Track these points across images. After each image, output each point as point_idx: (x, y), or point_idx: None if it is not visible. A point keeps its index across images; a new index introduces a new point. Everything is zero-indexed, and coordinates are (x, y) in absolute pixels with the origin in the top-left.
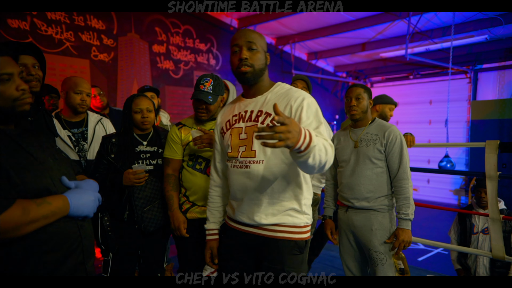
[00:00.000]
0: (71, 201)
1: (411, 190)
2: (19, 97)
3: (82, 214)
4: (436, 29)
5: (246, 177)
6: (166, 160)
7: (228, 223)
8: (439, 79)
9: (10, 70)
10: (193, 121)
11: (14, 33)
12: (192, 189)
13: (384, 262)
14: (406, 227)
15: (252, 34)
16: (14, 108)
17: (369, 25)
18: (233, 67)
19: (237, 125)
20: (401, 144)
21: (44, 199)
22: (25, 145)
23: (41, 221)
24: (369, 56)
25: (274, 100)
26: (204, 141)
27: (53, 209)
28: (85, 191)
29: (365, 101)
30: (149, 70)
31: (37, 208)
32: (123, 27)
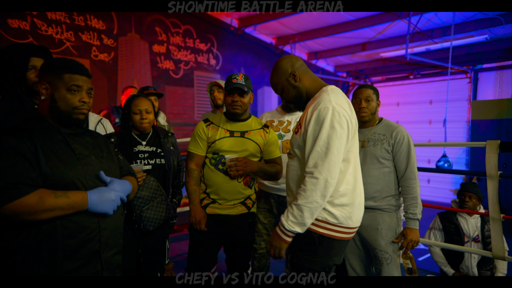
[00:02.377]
0: (91, 198)
1: (419, 190)
2: (78, 107)
3: (101, 211)
4: (436, 29)
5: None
6: (190, 154)
7: None
8: (439, 79)
9: (80, 84)
10: (220, 119)
11: (15, 33)
12: (213, 188)
13: (389, 262)
14: (414, 227)
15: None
16: (71, 115)
17: (369, 25)
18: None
19: None
20: (408, 144)
21: (65, 193)
22: (71, 142)
23: (57, 211)
24: (369, 56)
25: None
26: (239, 168)
27: (71, 202)
28: (109, 190)
29: (374, 103)
30: (149, 70)
31: (55, 199)
32: (123, 27)
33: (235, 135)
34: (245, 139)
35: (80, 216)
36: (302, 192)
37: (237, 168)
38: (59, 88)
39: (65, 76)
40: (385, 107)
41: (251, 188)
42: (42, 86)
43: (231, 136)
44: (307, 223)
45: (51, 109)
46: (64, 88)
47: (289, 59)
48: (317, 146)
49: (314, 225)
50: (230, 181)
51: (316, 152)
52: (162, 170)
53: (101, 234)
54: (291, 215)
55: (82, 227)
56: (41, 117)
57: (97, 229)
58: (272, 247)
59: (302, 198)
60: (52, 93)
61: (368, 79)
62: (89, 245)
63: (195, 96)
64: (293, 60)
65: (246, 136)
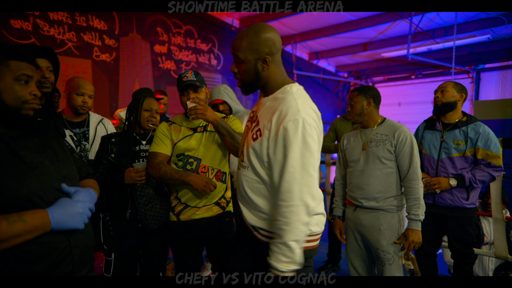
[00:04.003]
0: (53, 216)
1: (422, 190)
2: (28, 100)
3: (69, 227)
4: (438, 28)
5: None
6: (152, 154)
7: None
8: (441, 79)
9: (31, 73)
10: (182, 118)
11: (17, 33)
12: (184, 190)
13: (391, 262)
14: (416, 228)
15: (235, 44)
16: (20, 110)
17: (371, 25)
18: None
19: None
20: (411, 144)
21: (19, 216)
22: (17, 149)
23: (13, 240)
24: (371, 56)
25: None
26: (199, 111)
27: (28, 227)
28: (74, 202)
29: (358, 104)
30: (150, 70)
31: (7, 227)
32: (125, 28)
33: (198, 130)
34: (208, 132)
35: (45, 237)
36: (285, 226)
37: (197, 111)
38: (4, 77)
39: (12, 63)
40: (387, 107)
41: (225, 182)
42: None
43: (194, 132)
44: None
45: None
46: (10, 78)
47: (273, 35)
48: (290, 168)
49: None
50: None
51: (290, 174)
52: None
53: (73, 253)
54: (283, 256)
55: (49, 249)
56: None
57: (68, 248)
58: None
59: (287, 234)
60: None
61: (370, 79)
62: (60, 268)
63: None
64: (275, 41)
65: (209, 129)
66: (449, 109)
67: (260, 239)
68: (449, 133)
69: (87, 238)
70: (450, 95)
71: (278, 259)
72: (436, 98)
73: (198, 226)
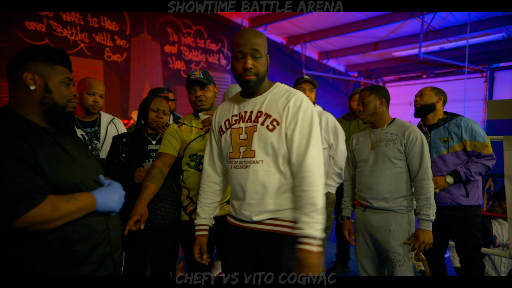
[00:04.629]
0: (98, 198)
1: (432, 190)
2: (72, 99)
3: (109, 209)
4: (451, 27)
5: (246, 177)
6: (158, 154)
7: (230, 221)
8: (454, 78)
9: (71, 77)
10: (191, 118)
11: (31, 34)
12: (196, 190)
13: (402, 264)
14: (427, 228)
15: (256, 40)
16: (66, 108)
17: (382, 24)
18: (236, 73)
19: (237, 125)
20: (422, 144)
21: (73, 196)
22: (62, 142)
23: (69, 216)
24: (381, 55)
25: (273, 101)
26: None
27: (81, 205)
28: (112, 188)
29: (371, 104)
30: (160, 70)
31: (66, 204)
32: (136, 28)
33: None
34: None
35: (89, 219)
36: (316, 194)
37: (210, 123)
38: (53, 79)
39: (58, 67)
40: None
41: None
42: (29, 76)
43: (207, 132)
44: None
45: (43, 100)
46: (58, 79)
47: None
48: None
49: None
50: None
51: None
52: (174, 168)
53: (110, 236)
54: (317, 223)
55: (92, 230)
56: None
57: (106, 230)
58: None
59: (319, 200)
60: (45, 84)
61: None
62: (100, 248)
63: None
64: None
65: None
66: (428, 111)
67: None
68: (434, 132)
69: (118, 222)
70: (427, 98)
71: (313, 227)
72: (416, 102)
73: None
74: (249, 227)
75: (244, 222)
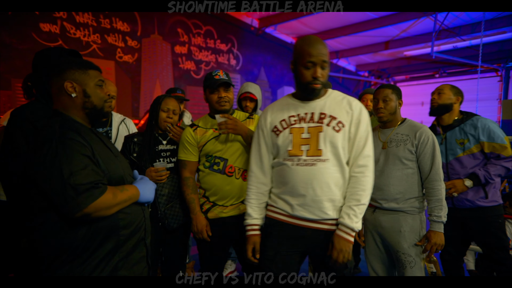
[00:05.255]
0: (140, 189)
1: (444, 192)
2: (107, 99)
3: (147, 200)
4: (464, 25)
5: (312, 175)
6: (182, 162)
7: (280, 218)
8: (467, 77)
9: (103, 78)
10: (206, 120)
11: (45, 36)
12: (212, 190)
13: (412, 265)
14: (438, 230)
15: (325, 51)
16: (104, 109)
17: (393, 23)
18: (303, 80)
19: (298, 125)
20: (433, 144)
21: (123, 187)
22: (105, 141)
23: (122, 204)
24: (393, 55)
25: (334, 105)
26: (229, 126)
27: (130, 195)
28: (146, 181)
29: (393, 102)
30: (171, 70)
31: (121, 193)
32: (147, 29)
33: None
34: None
35: (131, 208)
36: (362, 192)
37: (227, 126)
38: (89, 84)
39: (91, 72)
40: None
41: None
42: (69, 85)
43: (221, 134)
44: None
45: (85, 105)
46: (93, 83)
47: None
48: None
49: None
50: (227, 179)
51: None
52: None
53: (146, 223)
54: (356, 217)
55: (134, 217)
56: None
57: (143, 218)
58: (342, 252)
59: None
60: (83, 90)
61: (391, 78)
62: (138, 233)
63: None
64: None
65: None
66: (444, 111)
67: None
68: (449, 134)
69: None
70: (446, 97)
71: (353, 220)
72: (433, 100)
73: (225, 223)
74: (306, 226)
75: (302, 220)
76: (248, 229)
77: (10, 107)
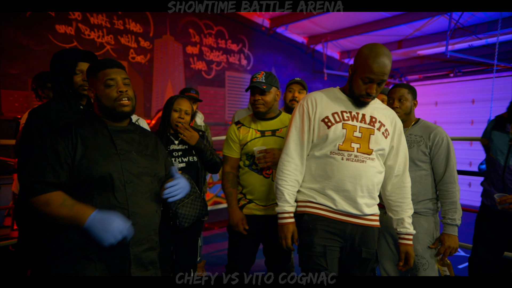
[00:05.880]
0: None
1: (458, 194)
2: (117, 98)
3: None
4: (480, 23)
5: (362, 171)
6: (225, 158)
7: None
8: (483, 76)
9: (113, 76)
10: (251, 119)
11: (61, 37)
12: (248, 188)
13: (426, 267)
14: (452, 233)
15: (387, 70)
16: (115, 108)
17: (407, 22)
18: (356, 91)
19: (351, 122)
20: (448, 146)
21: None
22: (115, 138)
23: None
24: (406, 54)
25: (380, 112)
26: (268, 160)
27: (71, 215)
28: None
29: (408, 102)
30: (182, 71)
31: (57, 207)
32: (159, 30)
33: (266, 134)
34: (276, 137)
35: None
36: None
37: (266, 160)
38: (98, 87)
39: (99, 74)
40: (422, 107)
41: None
42: (90, 91)
43: (262, 136)
44: None
45: (100, 108)
46: (101, 85)
47: None
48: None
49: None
50: (264, 180)
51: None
52: (194, 167)
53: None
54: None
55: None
56: (94, 116)
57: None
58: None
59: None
60: (96, 94)
61: (404, 78)
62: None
63: (226, 96)
64: None
65: (278, 134)
66: None
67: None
68: None
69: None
70: None
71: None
72: None
73: (257, 222)
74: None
75: (345, 215)
76: (285, 216)
77: (27, 107)
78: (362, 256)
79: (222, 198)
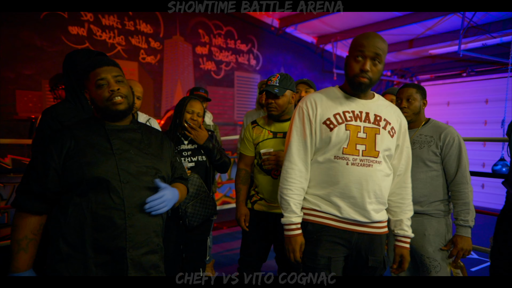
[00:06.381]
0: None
1: (471, 195)
2: (109, 97)
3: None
4: (495, 22)
5: (368, 176)
6: (240, 155)
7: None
8: (497, 76)
9: (103, 76)
10: (264, 121)
11: (73, 39)
12: (259, 187)
13: (438, 270)
14: (465, 235)
15: (380, 45)
16: (108, 107)
17: (418, 21)
18: (350, 72)
19: (354, 122)
20: (459, 146)
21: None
22: (112, 137)
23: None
24: (417, 53)
25: (385, 110)
26: (271, 162)
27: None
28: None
29: (417, 102)
30: (192, 71)
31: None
32: (169, 30)
33: (278, 136)
34: None
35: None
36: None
37: (269, 162)
38: (91, 88)
39: (90, 75)
40: (434, 107)
41: None
42: (86, 94)
43: (274, 137)
44: None
45: (96, 109)
46: (93, 87)
47: None
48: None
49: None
50: (272, 181)
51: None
52: (203, 167)
53: (127, 232)
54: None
55: (109, 222)
56: (93, 117)
57: (123, 226)
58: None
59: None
60: (90, 95)
61: (415, 77)
62: (116, 241)
63: (235, 96)
64: None
65: None
66: None
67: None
68: None
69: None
70: None
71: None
72: None
73: (268, 219)
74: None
75: (350, 223)
76: (293, 228)
77: (40, 107)
78: (369, 265)
79: (231, 198)
